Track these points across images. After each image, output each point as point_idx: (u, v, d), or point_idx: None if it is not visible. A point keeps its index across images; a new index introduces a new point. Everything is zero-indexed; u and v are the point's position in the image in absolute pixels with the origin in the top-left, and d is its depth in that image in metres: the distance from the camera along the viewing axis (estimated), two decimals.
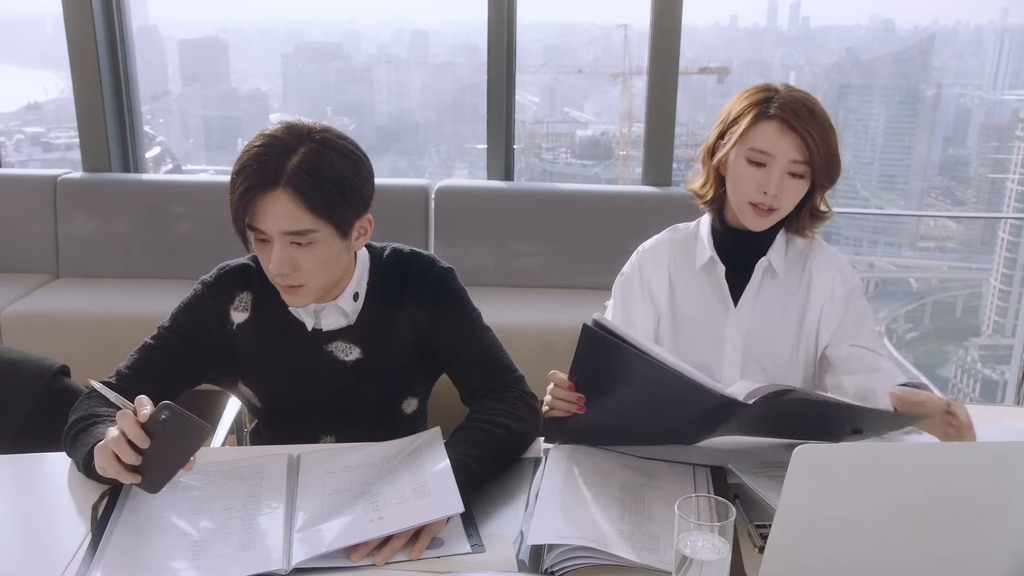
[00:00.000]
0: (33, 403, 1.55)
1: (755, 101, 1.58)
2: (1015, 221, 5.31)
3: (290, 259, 1.39)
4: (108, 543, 1.20)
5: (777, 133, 1.54)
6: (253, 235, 1.41)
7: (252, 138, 1.42)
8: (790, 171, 1.55)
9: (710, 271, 1.69)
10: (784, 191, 1.56)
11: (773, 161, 1.55)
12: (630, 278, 1.78)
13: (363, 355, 1.56)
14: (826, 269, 1.69)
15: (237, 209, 1.38)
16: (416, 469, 1.32)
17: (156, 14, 4.67)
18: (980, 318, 5.73)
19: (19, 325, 3.23)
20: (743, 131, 1.57)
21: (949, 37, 5.36)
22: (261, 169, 1.36)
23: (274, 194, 1.35)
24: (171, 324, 1.54)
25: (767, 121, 1.55)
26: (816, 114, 1.55)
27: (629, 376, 1.32)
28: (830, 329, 1.67)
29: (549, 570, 1.15)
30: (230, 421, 1.80)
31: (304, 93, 5.43)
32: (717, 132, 1.65)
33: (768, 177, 1.55)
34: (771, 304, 1.69)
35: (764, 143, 1.55)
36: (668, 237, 1.79)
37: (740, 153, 1.58)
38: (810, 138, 1.52)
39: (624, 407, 1.38)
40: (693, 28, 4.27)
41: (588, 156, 5.18)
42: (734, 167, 1.60)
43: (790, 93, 1.57)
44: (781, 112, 1.54)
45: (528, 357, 1.73)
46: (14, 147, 4.87)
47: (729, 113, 1.63)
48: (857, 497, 1.03)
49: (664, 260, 1.75)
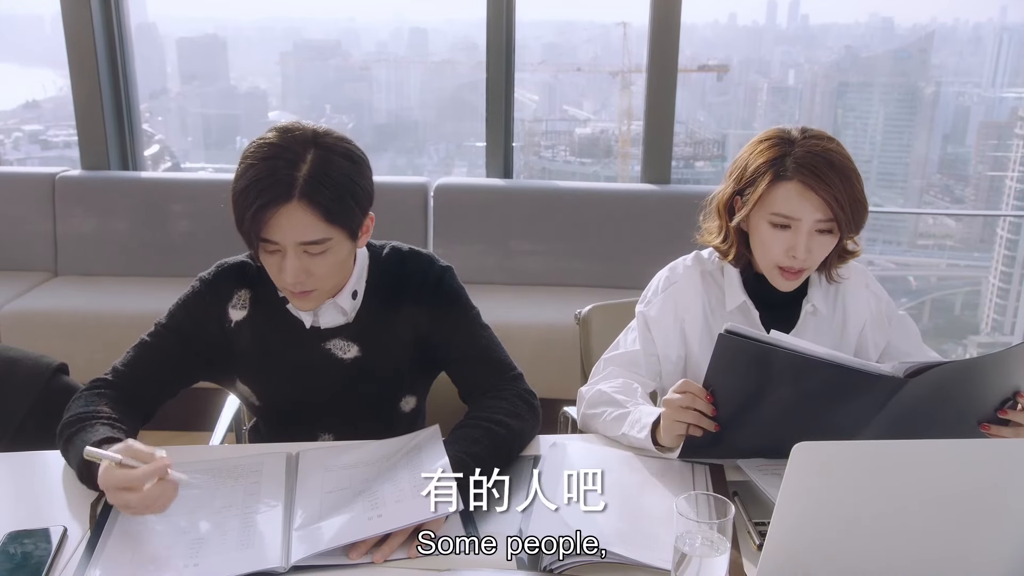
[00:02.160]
0: (32, 401, 1.55)
1: (770, 159, 1.50)
2: (1014, 219, 5.31)
3: (304, 268, 1.39)
4: (106, 541, 1.20)
5: (797, 195, 1.47)
6: (261, 246, 1.39)
7: (251, 148, 1.38)
8: (817, 228, 1.49)
9: (745, 312, 1.64)
10: (812, 250, 1.50)
11: (798, 224, 1.48)
12: (662, 315, 1.66)
13: (361, 353, 1.56)
14: (857, 291, 1.67)
15: (251, 225, 1.35)
16: (415, 467, 1.32)
17: (154, 12, 4.66)
18: (979, 316, 5.73)
19: (18, 323, 3.23)
20: (761, 195, 1.50)
21: (948, 35, 5.36)
22: (274, 184, 1.33)
23: (288, 207, 1.33)
24: (168, 322, 1.53)
25: (785, 183, 1.48)
26: (835, 165, 1.46)
27: (779, 377, 1.27)
28: (878, 351, 1.66)
29: (548, 568, 1.15)
30: (229, 419, 1.80)
31: (303, 91, 5.42)
32: (732, 187, 1.58)
33: (795, 240, 1.49)
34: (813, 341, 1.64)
35: (786, 207, 1.48)
36: (697, 271, 1.68)
37: (761, 217, 1.52)
38: (833, 195, 1.45)
39: (775, 411, 1.32)
40: (692, 26, 4.26)
41: (587, 154, 5.18)
42: (757, 230, 1.54)
43: (806, 144, 1.49)
44: (799, 173, 1.46)
45: (527, 355, 1.74)
46: (12, 145, 4.86)
47: (745, 168, 1.55)
48: (856, 495, 1.03)
49: (699, 299, 1.66)
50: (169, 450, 1.45)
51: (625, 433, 1.47)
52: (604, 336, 1.98)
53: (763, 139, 1.54)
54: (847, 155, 1.50)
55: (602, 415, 1.53)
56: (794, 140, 1.51)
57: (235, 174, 1.38)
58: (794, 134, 1.52)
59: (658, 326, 1.65)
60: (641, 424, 1.44)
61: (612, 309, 2.01)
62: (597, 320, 1.99)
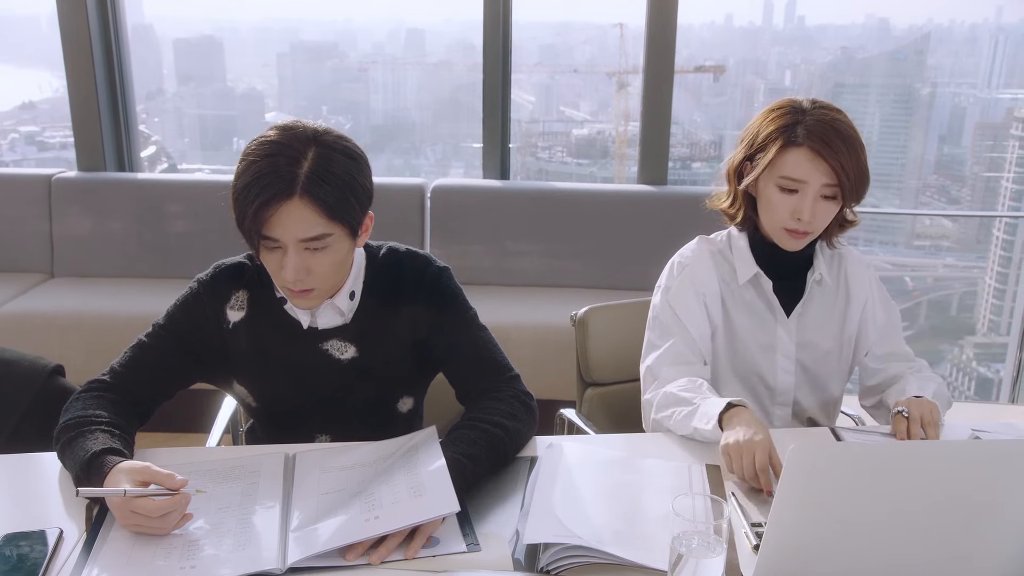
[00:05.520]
0: (28, 403, 1.55)
1: (782, 125, 1.56)
2: (1010, 219, 5.32)
3: (303, 265, 1.39)
4: (103, 543, 1.19)
5: (807, 160, 1.54)
6: (262, 243, 1.39)
7: (252, 145, 1.38)
8: (822, 194, 1.56)
9: (756, 285, 1.70)
10: (817, 214, 1.57)
11: (805, 188, 1.55)
12: (682, 294, 1.70)
13: (359, 354, 1.56)
14: (861, 270, 1.75)
15: (253, 222, 1.34)
16: (412, 468, 1.32)
17: (151, 13, 4.66)
18: (975, 316, 5.74)
19: (13, 324, 3.22)
20: (771, 159, 1.56)
21: (944, 36, 5.37)
22: (275, 180, 1.33)
23: (290, 204, 1.33)
24: (166, 322, 1.53)
25: (795, 148, 1.54)
26: (843, 135, 1.53)
27: None
28: (876, 326, 1.75)
29: (544, 569, 1.15)
30: (225, 421, 1.80)
31: (300, 92, 5.42)
32: (743, 152, 1.64)
33: (801, 203, 1.56)
34: (818, 310, 1.72)
35: (794, 171, 1.55)
36: (706, 250, 1.74)
37: (770, 180, 1.58)
38: (840, 162, 1.52)
39: None
40: (688, 27, 4.27)
41: (584, 155, 5.18)
42: (765, 193, 1.61)
43: (816, 113, 1.56)
44: (809, 140, 1.53)
45: (524, 356, 1.74)
46: (9, 146, 4.86)
47: (756, 135, 1.61)
48: (852, 496, 1.03)
49: (712, 273, 1.71)
50: (166, 452, 1.45)
51: (696, 427, 1.50)
52: (600, 337, 1.98)
53: (775, 108, 1.60)
54: (854, 127, 1.57)
55: (672, 416, 1.56)
56: (805, 109, 1.57)
57: (236, 172, 1.38)
58: (805, 104, 1.58)
59: (684, 307, 1.69)
60: (708, 416, 1.48)
61: (608, 310, 2.01)
62: (593, 321, 1.99)
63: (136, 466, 1.24)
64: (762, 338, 1.71)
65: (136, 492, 1.19)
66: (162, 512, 1.19)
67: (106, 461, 1.26)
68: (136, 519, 1.19)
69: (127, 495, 1.19)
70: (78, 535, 1.22)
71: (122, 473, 1.22)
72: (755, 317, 1.71)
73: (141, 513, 1.18)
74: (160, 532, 1.20)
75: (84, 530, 1.23)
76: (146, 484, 1.21)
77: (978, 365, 5.76)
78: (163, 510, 1.19)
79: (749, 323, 1.71)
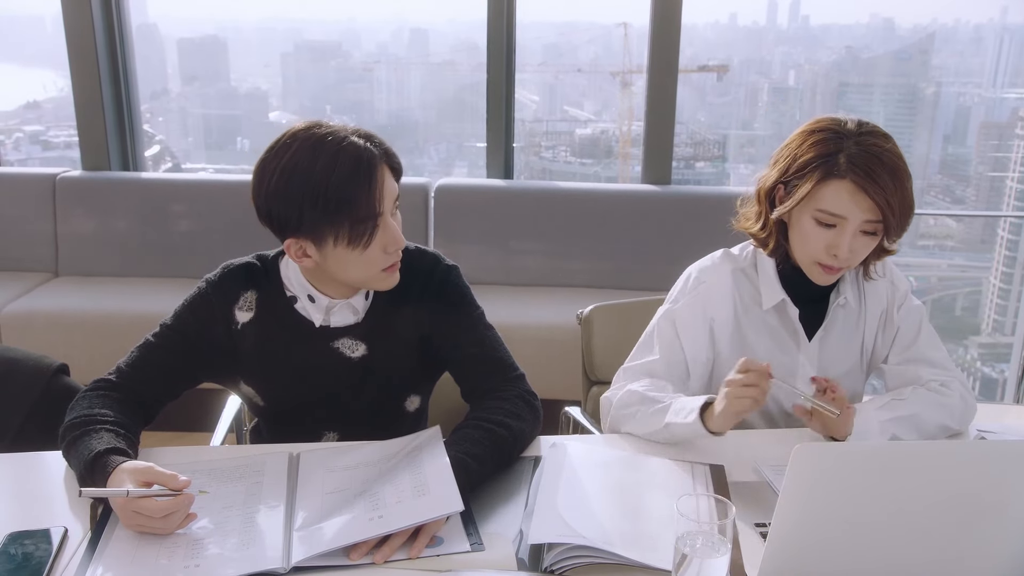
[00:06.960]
0: (32, 402, 1.55)
1: (823, 153, 1.44)
2: (1015, 219, 5.30)
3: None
4: (107, 542, 1.20)
5: (848, 194, 1.42)
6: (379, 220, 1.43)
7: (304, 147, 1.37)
8: (862, 229, 1.45)
9: (781, 311, 1.61)
10: (855, 251, 1.47)
11: (844, 223, 1.44)
12: (690, 314, 1.61)
13: (368, 352, 1.56)
14: (878, 281, 1.65)
15: (376, 198, 1.41)
16: (416, 468, 1.32)
17: (155, 13, 4.66)
18: (980, 316, 5.73)
19: (18, 324, 3.23)
20: (810, 191, 1.45)
21: (949, 36, 5.35)
22: (365, 154, 1.39)
23: (381, 169, 1.42)
24: (174, 323, 1.53)
25: (837, 181, 1.42)
26: (889, 167, 1.41)
27: None
28: (892, 334, 1.65)
29: (549, 569, 1.15)
30: (229, 420, 1.80)
31: (303, 92, 5.42)
32: (777, 175, 1.52)
33: (839, 239, 1.45)
34: (840, 333, 1.64)
35: (834, 205, 1.43)
36: (728, 269, 1.64)
37: (806, 211, 1.47)
38: (885, 198, 1.40)
39: None
40: (692, 26, 4.26)
41: (588, 154, 5.18)
42: (799, 223, 1.50)
43: (862, 141, 1.43)
44: (852, 172, 1.41)
45: (527, 355, 1.73)
46: (13, 145, 4.87)
47: (794, 158, 1.49)
48: (856, 496, 1.03)
49: (729, 298, 1.61)
50: (170, 451, 1.46)
51: (669, 423, 1.44)
52: (605, 336, 1.98)
53: (816, 129, 1.48)
54: (901, 155, 1.45)
55: (637, 413, 1.51)
56: (849, 134, 1.45)
57: (312, 169, 1.36)
58: (849, 127, 1.46)
59: (686, 328, 1.61)
60: (688, 410, 1.42)
61: (613, 309, 2.01)
62: (598, 320, 1.99)
63: (139, 466, 1.24)
64: (782, 364, 1.60)
65: (139, 492, 1.19)
66: (165, 513, 1.19)
67: (110, 461, 1.26)
68: (139, 519, 1.19)
69: (129, 495, 1.19)
70: (82, 534, 1.22)
71: (125, 473, 1.23)
72: (776, 342, 1.62)
73: (144, 513, 1.19)
74: (163, 532, 1.20)
75: (88, 529, 1.23)
76: (149, 484, 1.21)
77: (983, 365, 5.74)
78: (166, 510, 1.19)
79: (769, 348, 1.62)
